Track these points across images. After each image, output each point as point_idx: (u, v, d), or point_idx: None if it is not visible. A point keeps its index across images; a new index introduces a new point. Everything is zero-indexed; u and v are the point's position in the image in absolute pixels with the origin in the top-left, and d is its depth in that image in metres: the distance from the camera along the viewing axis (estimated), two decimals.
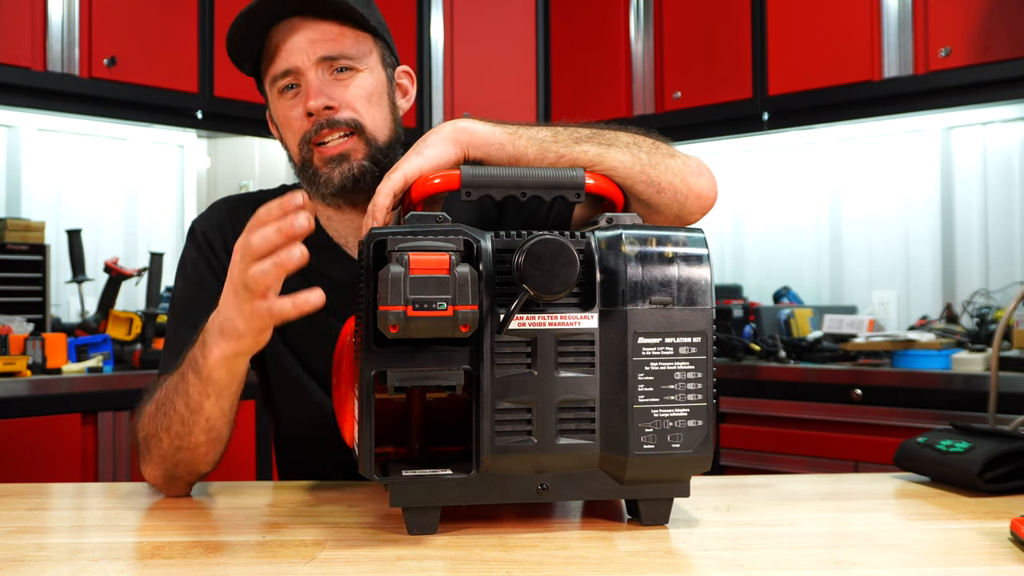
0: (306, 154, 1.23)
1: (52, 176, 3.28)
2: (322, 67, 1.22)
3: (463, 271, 0.84)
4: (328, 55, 1.22)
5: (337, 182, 1.22)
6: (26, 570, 0.82)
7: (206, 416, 1.06)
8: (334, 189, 1.23)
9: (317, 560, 0.84)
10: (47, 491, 1.23)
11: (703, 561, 0.84)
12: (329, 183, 1.22)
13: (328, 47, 1.22)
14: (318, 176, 1.23)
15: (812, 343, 2.84)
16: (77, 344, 2.61)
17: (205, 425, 1.07)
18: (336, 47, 1.22)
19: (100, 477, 2.55)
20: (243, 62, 1.28)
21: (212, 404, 1.05)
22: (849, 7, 2.97)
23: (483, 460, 0.89)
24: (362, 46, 1.25)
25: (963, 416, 2.38)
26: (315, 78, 1.21)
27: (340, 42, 1.23)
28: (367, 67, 1.25)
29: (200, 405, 1.06)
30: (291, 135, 1.25)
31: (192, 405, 1.06)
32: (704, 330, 0.91)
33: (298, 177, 1.27)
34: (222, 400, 1.05)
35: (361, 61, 1.24)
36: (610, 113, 3.45)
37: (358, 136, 1.22)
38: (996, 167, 3.08)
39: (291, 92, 1.24)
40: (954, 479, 1.14)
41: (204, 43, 3.11)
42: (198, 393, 1.05)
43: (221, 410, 1.07)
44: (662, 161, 1.06)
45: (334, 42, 1.22)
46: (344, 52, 1.23)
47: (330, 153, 1.22)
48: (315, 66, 1.22)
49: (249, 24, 1.22)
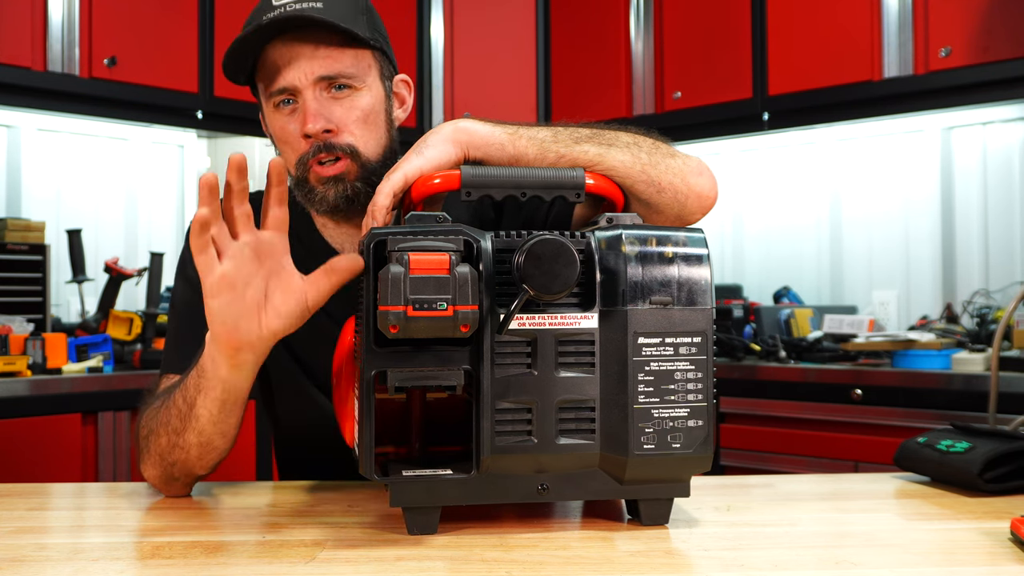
0: (302, 173, 1.23)
1: (52, 176, 3.28)
2: (320, 86, 1.21)
3: (463, 271, 0.84)
4: (326, 75, 1.20)
5: (331, 201, 1.23)
6: (26, 570, 0.82)
7: (196, 415, 1.05)
8: (328, 207, 1.23)
9: (317, 560, 0.84)
10: (47, 491, 1.23)
11: (703, 561, 0.84)
12: (324, 201, 1.23)
13: (326, 66, 1.20)
14: (314, 193, 1.23)
15: (812, 343, 2.84)
16: (77, 344, 2.61)
17: (196, 426, 1.06)
18: (335, 66, 1.21)
19: (100, 477, 2.56)
20: (238, 77, 1.26)
21: (202, 401, 1.04)
22: (849, 7, 2.97)
23: (483, 460, 0.89)
24: (361, 63, 1.24)
25: (963, 416, 2.38)
26: (312, 98, 1.20)
27: (339, 60, 1.21)
28: (365, 85, 1.24)
29: (194, 400, 1.05)
30: (287, 150, 1.25)
31: (188, 399, 1.06)
32: (704, 330, 0.91)
33: (294, 189, 1.27)
34: (209, 401, 1.04)
35: (359, 79, 1.23)
36: (610, 113, 3.45)
37: (351, 159, 1.22)
38: (996, 167, 3.08)
39: (287, 107, 1.23)
40: (954, 479, 1.14)
41: (204, 43, 3.11)
42: (194, 386, 1.05)
43: (209, 412, 1.05)
44: (662, 161, 1.06)
45: (333, 60, 1.21)
46: (342, 71, 1.21)
47: (326, 174, 1.22)
48: (313, 86, 1.20)
49: (245, 45, 1.20)
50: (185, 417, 1.07)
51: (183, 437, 1.08)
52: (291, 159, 1.24)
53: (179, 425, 1.08)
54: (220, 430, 1.07)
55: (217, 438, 1.08)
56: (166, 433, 1.09)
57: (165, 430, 1.09)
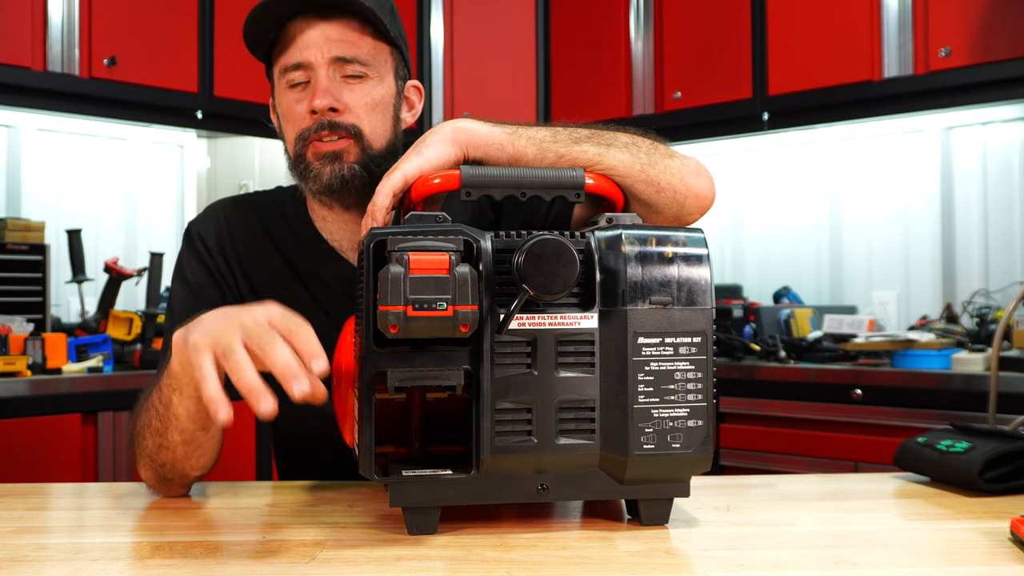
0: (300, 149, 1.23)
1: (52, 176, 3.28)
2: (334, 67, 1.22)
3: (463, 271, 0.84)
4: (342, 56, 1.21)
5: (326, 179, 1.22)
6: (26, 570, 0.82)
7: (175, 414, 1.04)
8: (322, 186, 1.23)
9: (317, 560, 0.84)
10: (47, 491, 1.23)
11: (703, 561, 0.84)
12: (318, 179, 1.22)
13: (344, 48, 1.21)
14: (309, 171, 1.23)
15: (812, 343, 2.84)
16: (77, 344, 2.61)
17: (176, 424, 1.05)
18: (352, 50, 1.22)
19: (100, 477, 2.56)
20: (257, 48, 1.27)
21: (178, 400, 1.03)
22: (849, 7, 2.97)
23: (483, 460, 0.89)
24: (378, 55, 1.25)
25: (963, 416, 2.38)
26: (325, 77, 1.21)
27: (357, 46, 1.22)
28: (378, 76, 1.25)
29: (169, 400, 1.04)
30: (290, 127, 1.25)
31: (164, 400, 1.05)
32: (704, 330, 0.91)
33: (290, 171, 1.27)
34: (185, 399, 1.02)
35: (373, 69, 1.24)
36: (610, 113, 3.45)
37: (354, 140, 1.22)
38: (996, 167, 3.08)
39: (299, 87, 1.24)
40: (954, 479, 1.14)
41: (204, 43, 3.10)
42: (167, 386, 1.04)
43: (187, 411, 1.03)
44: (661, 161, 1.06)
45: (351, 44, 1.22)
46: (359, 56, 1.22)
47: (323, 149, 1.22)
48: (327, 64, 1.21)
49: (270, 11, 1.21)
50: (164, 418, 1.06)
51: (166, 437, 1.07)
52: (291, 137, 1.25)
53: (159, 426, 1.07)
54: (201, 425, 1.05)
55: (200, 434, 1.06)
56: (150, 435, 1.09)
57: (148, 431, 1.09)
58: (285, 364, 0.84)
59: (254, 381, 0.84)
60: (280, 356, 0.85)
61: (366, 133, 1.23)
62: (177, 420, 1.05)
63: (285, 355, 0.85)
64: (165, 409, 1.06)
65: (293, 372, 0.84)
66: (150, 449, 1.10)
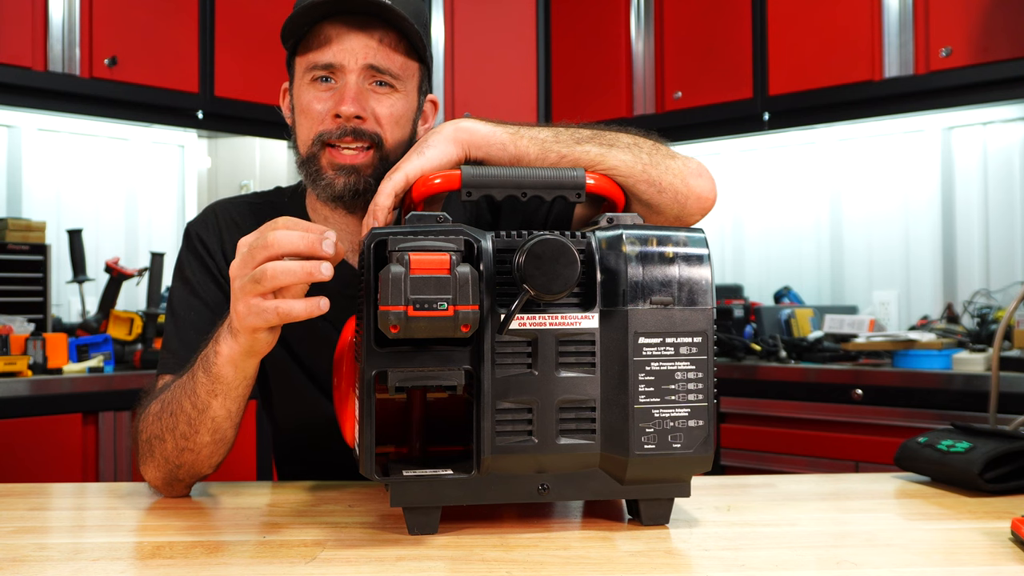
0: (316, 150, 1.22)
1: (53, 176, 3.28)
2: (365, 74, 1.21)
3: (464, 271, 0.84)
4: (376, 65, 1.21)
5: (339, 190, 1.21)
6: (26, 570, 0.82)
7: (212, 416, 1.06)
8: (333, 195, 1.22)
9: (317, 560, 0.84)
10: (47, 491, 1.23)
11: (703, 561, 0.84)
12: (330, 188, 1.22)
13: (379, 58, 1.21)
14: (321, 177, 1.22)
15: (813, 343, 2.84)
16: (78, 344, 2.61)
17: (211, 426, 1.07)
18: (386, 60, 1.21)
19: (100, 477, 2.56)
20: (288, 38, 1.25)
21: (219, 404, 1.05)
22: (849, 7, 2.97)
23: (483, 460, 0.89)
24: (408, 69, 1.24)
25: (964, 416, 2.38)
26: (355, 83, 1.20)
27: (391, 58, 1.22)
28: (405, 90, 1.24)
29: (207, 404, 1.05)
30: (307, 123, 1.23)
31: (199, 404, 1.06)
32: (705, 330, 0.91)
33: (298, 167, 1.26)
34: (228, 401, 1.05)
35: (402, 83, 1.23)
36: (610, 113, 3.45)
37: (375, 152, 1.22)
38: (996, 167, 3.08)
39: (324, 84, 1.22)
40: (955, 479, 1.14)
41: (204, 43, 3.10)
42: (206, 392, 1.05)
43: (227, 411, 1.06)
44: (663, 162, 1.06)
45: (386, 55, 1.21)
46: (391, 68, 1.22)
47: (342, 161, 1.21)
48: (359, 71, 1.20)
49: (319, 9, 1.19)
50: (196, 421, 1.07)
51: (194, 440, 1.08)
52: (307, 134, 1.23)
53: (187, 430, 1.08)
54: (235, 423, 1.10)
55: (230, 430, 1.10)
56: (172, 439, 1.09)
57: (172, 435, 1.09)
58: (300, 237, 0.91)
59: (297, 265, 0.91)
60: (291, 237, 0.92)
61: (387, 144, 1.22)
62: (213, 422, 1.07)
63: (294, 236, 0.91)
64: (199, 413, 1.06)
65: (310, 241, 0.91)
66: (169, 452, 1.10)
